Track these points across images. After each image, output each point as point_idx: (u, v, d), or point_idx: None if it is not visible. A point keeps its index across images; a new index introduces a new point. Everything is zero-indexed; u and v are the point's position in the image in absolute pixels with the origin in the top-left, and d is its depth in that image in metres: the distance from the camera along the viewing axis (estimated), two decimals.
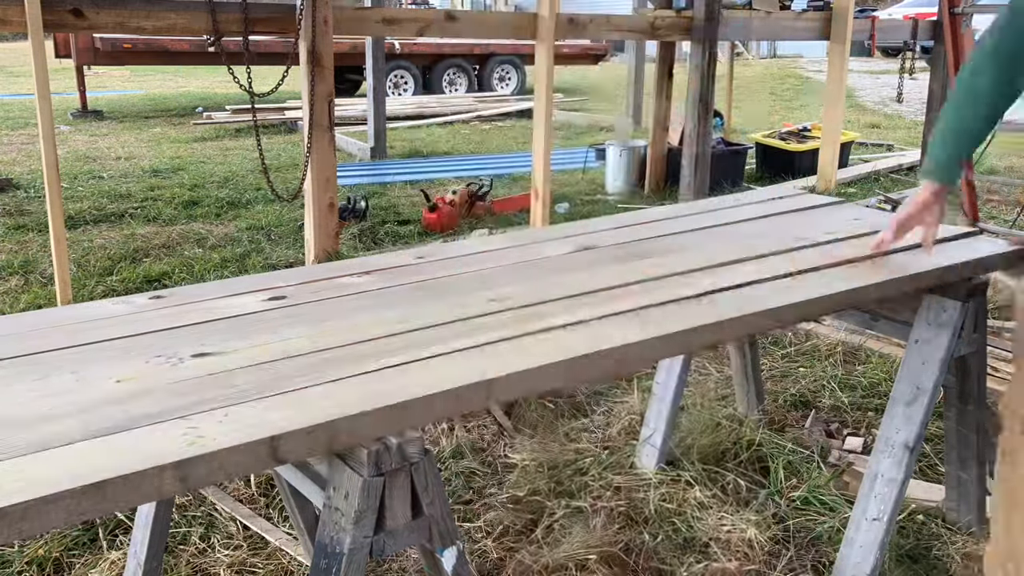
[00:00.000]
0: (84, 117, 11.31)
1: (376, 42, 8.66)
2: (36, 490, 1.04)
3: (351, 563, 1.33)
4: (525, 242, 2.23)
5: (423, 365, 1.44)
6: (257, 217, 6.07)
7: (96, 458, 1.13)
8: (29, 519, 1.03)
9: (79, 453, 1.15)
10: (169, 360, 1.45)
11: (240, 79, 4.38)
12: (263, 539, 2.39)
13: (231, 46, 4.40)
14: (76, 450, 1.15)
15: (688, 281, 1.90)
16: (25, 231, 5.66)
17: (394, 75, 13.22)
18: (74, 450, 1.15)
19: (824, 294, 1.84)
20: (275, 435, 1.20)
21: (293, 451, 1.23)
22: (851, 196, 6.73)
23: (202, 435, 1.19)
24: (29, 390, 1.34)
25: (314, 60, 4.55)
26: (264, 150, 4.81)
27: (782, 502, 2.55)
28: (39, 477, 1.08)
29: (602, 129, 11.03)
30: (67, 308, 1.77)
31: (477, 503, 2.58)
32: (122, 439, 1.19)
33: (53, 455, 1.14)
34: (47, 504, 1.04)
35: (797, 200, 2.75)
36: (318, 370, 1.42)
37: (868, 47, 7.92)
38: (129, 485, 1.10)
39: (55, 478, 1.07)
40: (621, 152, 7.24)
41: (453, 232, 5.76)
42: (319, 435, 1.24)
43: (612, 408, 3.18)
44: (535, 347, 1.53)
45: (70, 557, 2.31)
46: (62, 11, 4.00)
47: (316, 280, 1.90)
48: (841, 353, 3.65)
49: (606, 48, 15.81)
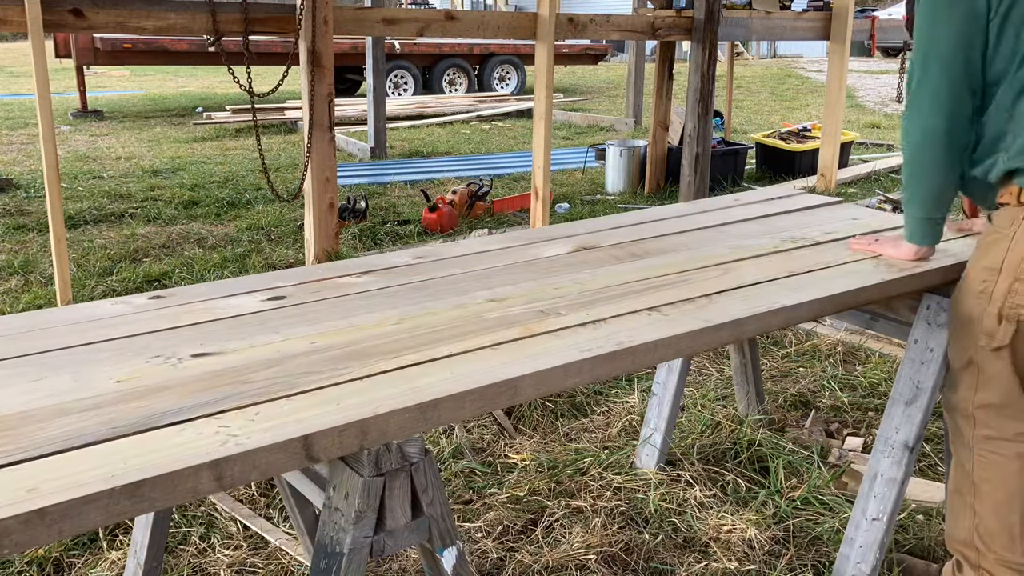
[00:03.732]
0: (84, 117, 11.32)
1: (376, 42, 8.66)
2: (76, 490, 1.04)
3: (351, 563, 1.33)
4: (525, 242, 2.23)
5: (442, 364, 1.45)
6: (257, 217, 6.07)
7: (128, 457, 1.13)
8: (69, 519, 1.03)
9: (109, 452, 1.14)
10: (168, 360, 1.45)
11: (240, 79, 4.38)
12: (263, 539, 2.39)
13: (231, 46, 4.40)
14: (106, 449, 1.15)
15: (691, 281, 1.90)
16: (25, 231, 5.66)
17: (394, 75, 13.22)
18: (104, 449, 1.15)
19: (825, 294, 1.84)
20: (309, 433, 1.21)
21: (326, 449, 1.23)
22: (851, 196, 6.73)
23: (235, 433, 1.19)
24: (26, 391, 1.34)
25: (314, 60, 4.55)
26: (264, 150, 4.81)
27: (782, 502, 2.55)
28: (75, 477, 1.07)
29: (602, 129, 11.04)
30: (67, 308, 1.77)
31: (477, 503, 2.58)
32: (152, 437, 1.18)
33: (83, 454, 1.13)
34: (86, 504, 1.03)
35: (797, 200, 2.75)
36: (333, 369, 1.42)
37: (868, 47, 7.92)
38: (166, 485, 1.09)
39: (92, 478, 1.07)
40: (621, 152, 7.24)
41: (453, 232, 5.76)
42: (352, 433, 1.25)
43: (612, 408, 3.18)
44: (551, 345, 1.53)
45: (70, 557, 2.31)
46: (62, 11, 4.00)
47: (316, 280, 1.90)
48: (841, 353, 3.65)
49: (606, 48, 15.81)
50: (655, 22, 6.13)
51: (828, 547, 2.37)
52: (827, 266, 2.02)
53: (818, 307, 1.85)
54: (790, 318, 1.81)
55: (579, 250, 2.16)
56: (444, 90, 13.81)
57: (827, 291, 1.86)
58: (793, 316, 1.81)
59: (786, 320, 1.81)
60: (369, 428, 1.27)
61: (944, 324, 2.08)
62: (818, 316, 1.92)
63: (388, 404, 1.30)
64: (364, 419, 1.26)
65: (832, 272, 1.98)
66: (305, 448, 1.21)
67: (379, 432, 1.28)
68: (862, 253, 2.12)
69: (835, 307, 1.89)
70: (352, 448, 1.27)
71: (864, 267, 2.02)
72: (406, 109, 12.02)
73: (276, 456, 1.18)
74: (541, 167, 5.37)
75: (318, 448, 1.22)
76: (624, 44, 20.01)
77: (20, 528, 1.00)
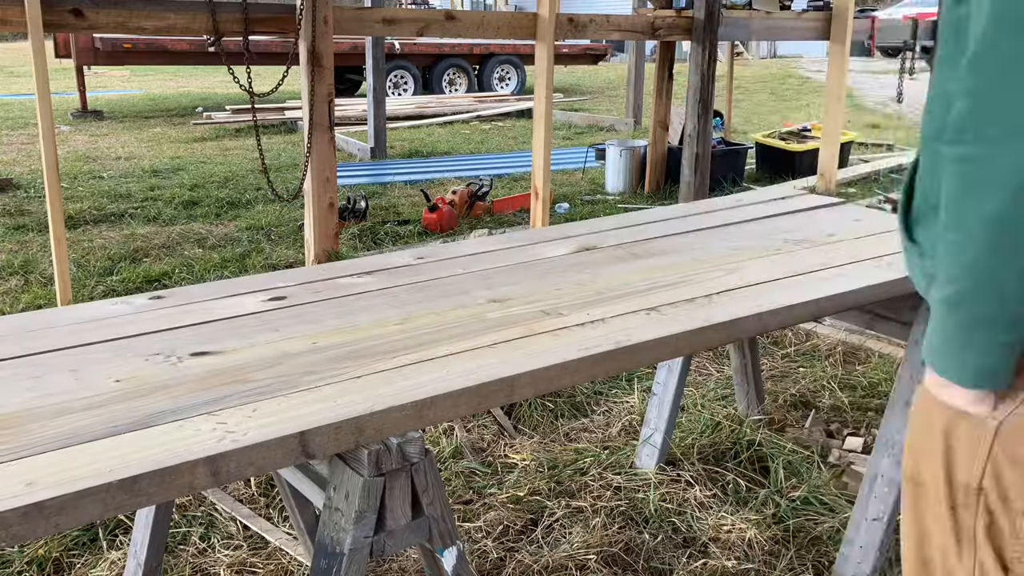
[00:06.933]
0: (84, 117, 11.31)
1: (376, 42, 8.66)
2: (74, 484, 1.06)
3: (351, 563, 1.33)
4: (525, 242, 2.23)
5: (439, 363, 1.45)
6: (257, 217, 6.07)
7: (126, 453, 1.14)
8: (67, 512, 1.05)
9: (107, 448, 1.16)
10: (168, 359, 1.45)
11: (240, 79, 4.38)
12: (263, 539, 2.39)
13: (231, 46, 4.40)
14: (104, 445, 1.17)
15: (691, 281, 1.90)
16: (25, 231, 5.66)
17: (394, 75, 13.22)
18: (103, 445, 1.17)
19: (824, 294, 1.84)
20: (305, 430, 1.22)
21: (322, 446, 1.24)
22: (851, 196, 6.73)
23: (232, 430, 1.20)
24: (26, 390, 1.34)
25: (314, 60, 4.55)
26: (264, 150, 4.81)
27: (782, 502, 2.55)
28: (74, 472, 1.09)
29: (602, 129, 11.03)
30: (67, 308, 1.77)
31: (477, 503, 2.58)
32: (150, 435, 1.20)
33: (82, 450, 1.15)
34: (84, 498, 1.06)
35: (798, 200, 2.75)
36: (331, 368, 1.42)
37: (868, 47, 7.92)
38: (162, 479, 1.11)
39: (90, 472, 1.09)
40: (621, 152, 7.24)
41: (453, 232, 5.76)
42: (348, 430, 1.26)
43: (612, 408, 3.18)
44: (551, 345, 1.54)
45: (70, 557, 2.31)
46: (62, 11, 4.00)
47: (316, 280, 1.90)
48: (841, 353, 3.65)
49: (606, 48, 15.81)
50: (655, 22, 6.13)
51: (828, 547, 2.37)
52: (827, 266, 2.02)
53: (818, 307, 1.85)
54: (790, 318, 1.81)
55: (580, 250, 2.16)
56: (444, 90, 13.80)
57: (827, 291, 1.86)
58: (793, 316, 1.81)
59: (786, 320, 1.81)
60: (365, 425, 1.27)
61: None
62: (818, 316, 1.92)
63: (384, 401, 1.30)
64: (360, 416, 1.27)
65: (832, 272, 1.98)
66: (301, 444, 1.22)
67: (375, 429, 1.29)
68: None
69: (835, 307, 1.89)
70: (348, 445, 1.28)
71: (864, 267, 2.02)
72: (406, 109, 12.02)
73: (272, 452, 1.19)
74: (541, 167, 5.37)
75: (314, 445, 1.23)
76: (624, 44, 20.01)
77: (19, 521, 1.02)
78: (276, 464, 1.22)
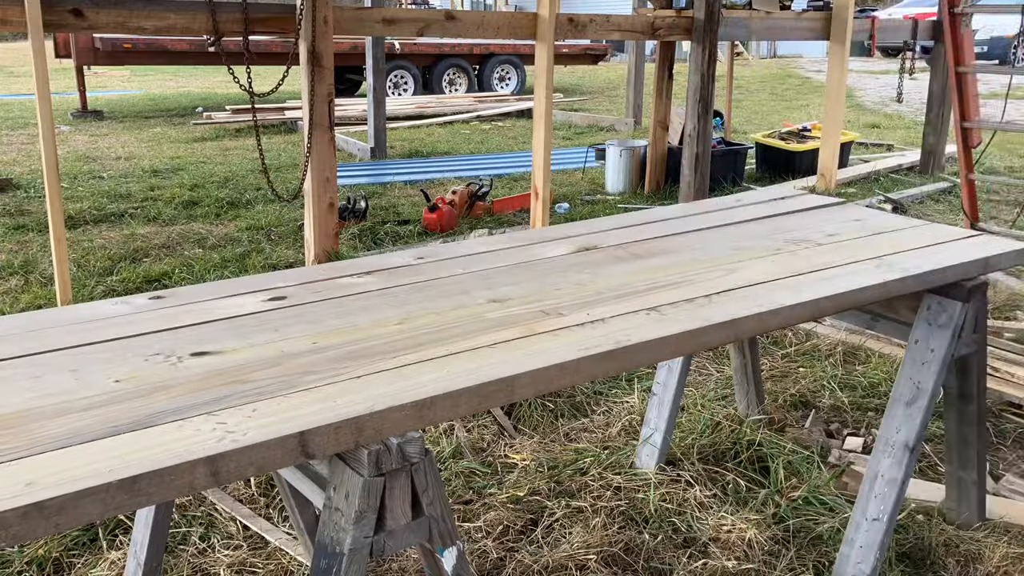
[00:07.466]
0: (84, 117, 11.31)
1: (376, 42, 8.66)
2: (74, 484, 1.06)
3: (351, 563, 1.34)
4: (525, 242, 2.23)
5: (439, 363, 1.45)
6: (257, 217, 6.07)
7: (127, 453, 1.14)
8: (67, 512, 1.05)
9: (107, 448, 1.16)
10: (168, 359, 1.46)
11: (240, 79, 4.38)
12: (263, 539, 2.39)
13: (231, 46, 4.40)
14: (104, 446, 1.17)
15: (691, 281, 1.90)
16: (25, 231, 5.66)
17: (394, 75, 13.22)
18: (102, 446, 1.17)
19: (824, 294, 1.84)
20: (304, 430, 1.22)
21: (322, 446, 1.24)
22: (851, 196, 6.72)
23: (231, 430, 1.21)
24: (26, 390, 1.34)
25: (314, 60, 4.55)
26: (264, 150, 4.81)
27: (782, 502, 2.55)
28: (73, 472, 1.09)
29: (602, 129, 11.03)
30: (67, 308, 1.77)
31: (477, 503, 2.58)
32: (149, 435, 1.20)
33: (82, 450, 1.15)
34: (84, 498, 1.06)
35: (798, 200, 2.75)
36: (331, 368, 1.43)
37: (868, 47, 7.92)
38: (162, 479, 1.12)
39: (89, 472, 1.09)
40: (621, 152, 7.24)
41: (453, 232, 5.76)
42: (347, 430, 1.26)
43: (612, 408, 3.18)
44: (551, 345, 1.54)
45: (70, 557, 2.31)
46: (62, 11, 4.00)
47: (316, 280, 1.90)
48: (841, 353, 3.65)
49: (606, 48, 15.81)
50: (655, 22, 6.13)
51: (828, 547, 2.37)
52: (827, 266, 2.02)
53: (818, 307, 1.85)
54: (790, 318, 1.81)
55: (580, 250, 2.16)
56: (444, 90, 13.80)
57: (827, 291, 1.86)
58: (793, 316, 1.81)
59: (786, 320, 1.81)
60: (364, 425, 1.28)
61: (945, 324, 2.08)
62: (818, 316, 1.92)
63: (384, 402, 1.31)
64: (359, 416, 1.27)
65: (832, 272, 1.98)
66: (301, 444, 1.22)
67: (375, 429, 1.29)
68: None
69: (835, 307, 1.89)
70: (348, 445, 1.28)
71: (864, 267, 2.02)
72: (406, 109, 12.02)
73: (272, 452, 1.20)
74: (541, 167, 5.37)
75: (314, 445, 1.23)
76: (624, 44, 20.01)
77: (18, 521, 1.02)
78: (276, 464, 1.22)
